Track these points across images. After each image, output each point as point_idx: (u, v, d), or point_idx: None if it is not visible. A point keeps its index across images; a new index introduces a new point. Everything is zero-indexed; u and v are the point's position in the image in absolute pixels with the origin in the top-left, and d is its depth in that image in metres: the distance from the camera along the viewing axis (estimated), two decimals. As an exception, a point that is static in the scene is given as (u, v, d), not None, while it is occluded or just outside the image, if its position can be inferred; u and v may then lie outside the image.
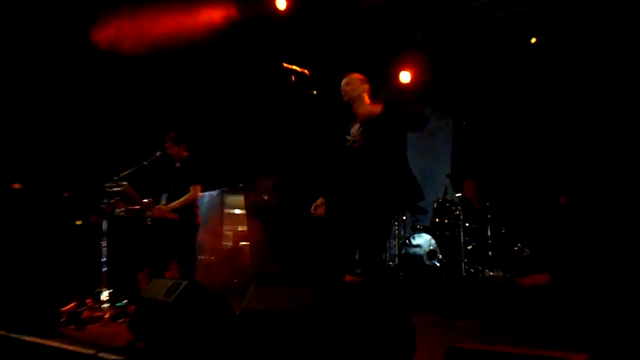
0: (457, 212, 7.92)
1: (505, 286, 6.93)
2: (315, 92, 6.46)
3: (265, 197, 11.38)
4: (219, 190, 13.56)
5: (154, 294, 4.45)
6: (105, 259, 5.91)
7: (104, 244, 5.93)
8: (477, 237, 7.83)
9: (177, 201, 6.28)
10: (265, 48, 8.46)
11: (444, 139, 9.92)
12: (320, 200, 4.63)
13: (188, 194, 6.25)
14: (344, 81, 4.69)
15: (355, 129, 4.59)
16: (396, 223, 8.85)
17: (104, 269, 5.91)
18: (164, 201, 6.60)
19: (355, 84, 4.65)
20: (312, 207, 4.60)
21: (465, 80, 9.02)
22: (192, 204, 6.32)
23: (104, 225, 5.98)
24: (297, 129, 7.98)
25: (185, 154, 6.48)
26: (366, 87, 4.69)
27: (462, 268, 7.55)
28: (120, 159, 7.92)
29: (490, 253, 7.56)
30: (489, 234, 7.66)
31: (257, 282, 3.88)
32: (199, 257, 9.04)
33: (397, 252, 8.42)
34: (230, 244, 13.66)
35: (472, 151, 9.15)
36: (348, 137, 4.61)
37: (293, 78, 4.43)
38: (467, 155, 9.29)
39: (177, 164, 6.48)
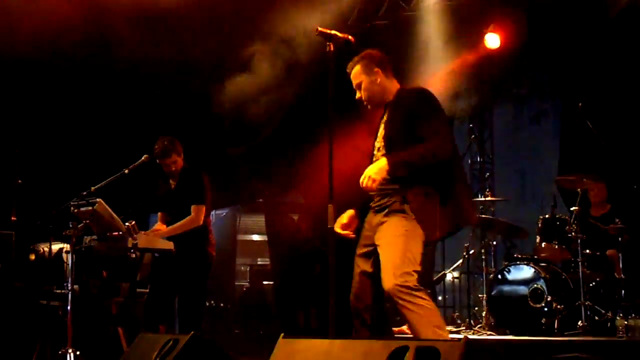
0: (573, 234, 7.72)
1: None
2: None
3: (295, 218, 11.35)
4: (229, 208, 13.63)
5: (140, 355, 4.44)
6: (70, 307, 5.88)
7: (68, 286, 5.90)
8: (603, 270, 7.69)
9: (172, 226, 6.34)
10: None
11: (550, 128, 9.78)
12: (349, 214, 4.88)
13: (188, 218, 6.32)
14: (353, 79, 4.88)
15: (380, 129, 4.87)
16: (483, 251, 8.70)
17: (69, 321, 5.88)
18: (156, 226, 6.65)
19: (365, 80, 4.87)
20: (337, 223, 4.72)
21: (581, 44, 8.86)
22: (202, 229, 6.38)
23: (69, 260, 5.96)
24: (338, 119, 7.91)
25: (182, 162, 6.59)
26: (378, 73, 4.89)
27: (583, 315, 7.33)
28: (91, 166, 7.98)
29: (623, 292, 7.39)
30: (621, 264, 7.47)
31: (287, 334, 3.85)
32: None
33: (485, 292, 8.27)
34: (246, 283, 13.71)
35: (591, 145, 8.97)
36: (375, 143, 4.88)
37: (332, 47, 4.40)
38: (584, 151, 9.15)
39: (176, 179, 6.57)
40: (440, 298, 10.92)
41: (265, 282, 12.80)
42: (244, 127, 9.67)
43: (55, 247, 6.90)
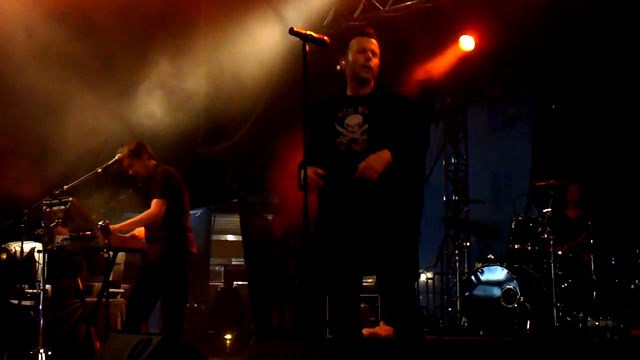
0: (546, 236, 7.78)
1: (617, 342, 6.77)
2: (339, 68, 6.38)
3: (270, 218, 11.32)
4: (204, 208, 13.58)
5: (113, 354, 4.43)
6: (42, 306, 5.84)
7: (40, 285, 5.86)
8: (575, 271, 7.72)
9: (129, 220, 6.28)
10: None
11: (524, 130, 9.83)
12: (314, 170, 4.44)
13: (146, 211, 6.25)
14: (371, 45, 4.73)
15: (354, 120, 4.60)
16: (456, 252, 8.75)
17: (41, 321, 5.84)
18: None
19: (379, 57, 4.74)
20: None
21: (556, 44, 8.91)
22: (182, 228, 6.33)
23: (41, 259, 5.92)
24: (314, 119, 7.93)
25: (152, 162, 6.49)
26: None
27: (555, 315, 7.39)
28: (63, 164, 7.91)
29: (594, 294, 7.45)
30: (593, 266, 7.54)
31: (260, 336, 3.86)
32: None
33: (458, 293, 8.32)
34: (220, 284, 13.67)
35: (565, 147, 9.04)
36: (340, 129, 4.61)
37: (307, 48, 4.38)
38: (557, 154, 9.22)
39: (147, 181, 6.49)
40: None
41: (239, 283, 12.78)
42: (218, 127, 9.65)
43: (27, 246, 6.85)
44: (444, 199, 11.68)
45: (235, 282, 12.91)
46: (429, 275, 10.17)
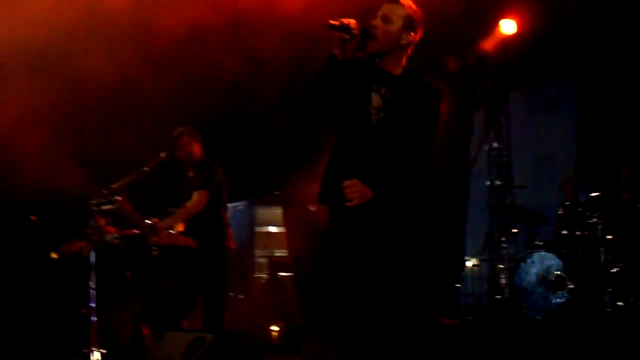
0: (595, 220, 7.71)
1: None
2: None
3: (313, 209, 11.33)
4: (246, 201, 13.63)
5: (166, 354, 4.47)
6: (94, 304, 5.90)
7: (92, 284, 5.92)
8: (626, 255, 7.63)
9: (173, 215, 6.32)
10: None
11: (568, 114, 9.73)
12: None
13: (187, 203, 6.28)
14: (386, 9, 4.05)
15: (376, 101, 4.04)
16: (503, 239, 8.71)
17: (94, 319, 5.90)
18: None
19: (398, 24, 4.03)
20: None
21: (601, 24, 8.80)
22: (220, 223, 6.36)
23: (91, 257, 5.97)
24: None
25: (200, 153, 6.54)
26: (411, 38, 4.07)
27: (605, 301, 7.36)
28: (111, 163, 7.98)
29: (646, 278, 7.38)
30: (644, 249, 7.47)
31: (312, 333, 3.83)
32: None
33: (505, 281, 8.29)
34: (264, 275, 13.70)
35: (611, 130, 8.95)
36: (369, 107, 4.06)
37: (349, 40, 4.10)
38: (603, 137, 9.14)
39: (190, 169, 6.54)
40: (459, 285, 10.92)
41: (283, 274, 12.82)
42: (258, 120, 9.68)
43: (77, 245, 6.92)
44: (487, 183, 11.61)
45: (279, 273, 12.95)
46: (475, 262, 10.11)
